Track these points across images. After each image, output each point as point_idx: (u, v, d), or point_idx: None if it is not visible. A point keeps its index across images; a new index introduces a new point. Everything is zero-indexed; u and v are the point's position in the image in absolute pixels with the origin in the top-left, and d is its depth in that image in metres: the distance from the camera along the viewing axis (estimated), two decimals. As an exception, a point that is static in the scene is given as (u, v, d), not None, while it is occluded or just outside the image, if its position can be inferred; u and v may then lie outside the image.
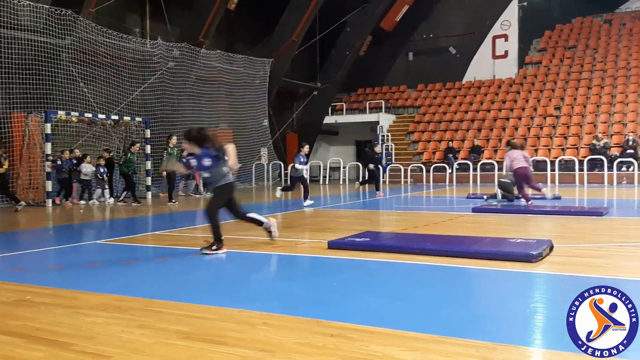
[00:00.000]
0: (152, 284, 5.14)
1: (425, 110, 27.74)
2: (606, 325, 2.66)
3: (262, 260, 6.31)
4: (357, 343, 3.23)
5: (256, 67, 23.55)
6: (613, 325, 2.65)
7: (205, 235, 7.41)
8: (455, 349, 3.10)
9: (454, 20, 29.71)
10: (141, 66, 18.78)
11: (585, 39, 28.75)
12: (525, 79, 27.21)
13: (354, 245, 6.54)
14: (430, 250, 6.08)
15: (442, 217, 10.43)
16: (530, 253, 5.57)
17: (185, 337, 3.42)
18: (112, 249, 7.26)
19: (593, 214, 9.87)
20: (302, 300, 4.38)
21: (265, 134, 24.38)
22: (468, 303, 4.30)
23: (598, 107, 23.72)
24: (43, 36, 15.83)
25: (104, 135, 17.68)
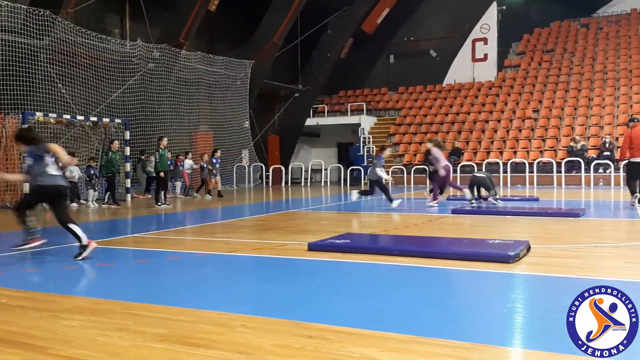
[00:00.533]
0: (130, 287, 5.09)
1: (406, 112, 27.90)
2: (606, 325, 2.66)
3: (241, 263, 6.30)
4: (336, 344, 3.24)
5: (237, 69, 23.48)
6: (613, 325, 2.65)
7: (191, 238, 7.36)
8: (434, 349, 3.12)
9: (435, 24, 29.95)
10: (121, 67, 18.63)
11: (563, 42, 29.16)
12: (504, 81, 27.52)
13: (334, 247, 6.55)
14: (409, 252, 6.11)
15: (422, 218, 10.49)
16: (507, 254, 5.63)
17: (163, 339, 3.40)
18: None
19: (570, 215, 10.01)
20: (281, 302, 4.37)
21: (247, 136, 24.33)
22: (446, 304, 4.33)
23: (575, 109, 24.07)
24: (21, 37, 15.63)
25: (82, 137, 17.49)
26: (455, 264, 5.62)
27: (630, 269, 5.43)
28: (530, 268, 5.48)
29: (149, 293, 4.74)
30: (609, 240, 7.45)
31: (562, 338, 3.35)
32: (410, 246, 6.34)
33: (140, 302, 4.33)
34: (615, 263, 5.78)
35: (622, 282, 4.90)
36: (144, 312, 4.04)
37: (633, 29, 28.43)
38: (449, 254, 5.91)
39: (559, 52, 28.38)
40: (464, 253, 5.87)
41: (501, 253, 5.69)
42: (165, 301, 4.35)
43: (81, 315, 3.99)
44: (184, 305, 4.21)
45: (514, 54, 30.05)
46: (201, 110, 22.11)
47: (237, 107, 23.76)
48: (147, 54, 19.55)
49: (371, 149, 25.63)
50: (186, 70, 21.06)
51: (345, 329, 3.52)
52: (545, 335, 3.46)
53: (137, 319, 3.85)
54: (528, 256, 6.00)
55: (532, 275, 5.25)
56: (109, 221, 11.41)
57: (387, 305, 4.20)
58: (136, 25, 20.82)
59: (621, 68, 25.77)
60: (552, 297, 4.49)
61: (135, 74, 19.15)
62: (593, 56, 27.25)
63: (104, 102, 17.95)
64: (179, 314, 3.98)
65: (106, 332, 3.56)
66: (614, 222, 9.98)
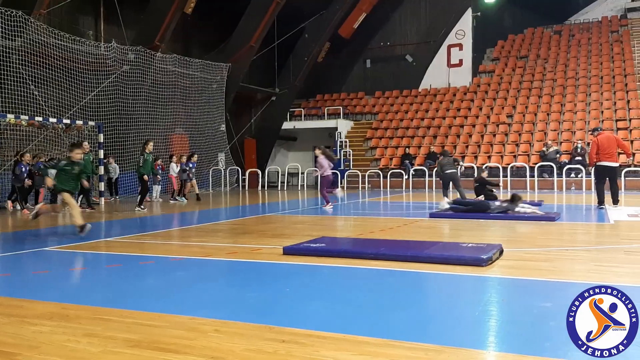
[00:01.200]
0: (101, 292, 5.03)
1: (382, 116, 28.05)
2: (606, 325, 2.67)
3: (216, 267, 6.26)
4: (308, 348, 3.24)
5: (213, 72, 23.37)
6: (613, 325, 2.66)
7: (166, 242, 7.28)
8: (405, 352, 3.14)
9: (410, 29, 30.19)
10: (95, 69, 18.39)
11: (536, 49, 29.64)
12: (479, 87, 27.84)
13: (309, 250, 6.55)
14: (384, 255, 6.14)
15: (398, 222, 10.55)
16: (480, 257, 5.70)
17: (134, 345, 3.36)
18: (61, 256, 7.07)
19: (546, 219, 10.12)
20: (255, 307, 4.36)
21: (223, 139, 24.20)
22: (418, 307, 4.36)
23: (548, 115, 24.45)
24: (-8, 37, 15.35)
25: (55, 140, 17.23)
26: (428, 267, 5.66)
27: (599, 272, 5.54)
28: (502, 271, 5.55)
29: (120, 298, 4.68)
30: (580, 244, 7.59)
31: (532, 340, 3.40)
32: (385, 249, 6.37)
33: (111, 307, 4.28)
34: (586, 266, 5.88)
35: (592, 284, 4.98)
36: (114, 317, 3.99)
37: (604, 36, 29.02)
38: (423, 257, 5.96)
39: (532, 59, 28.83)
40: (437, 256, 5.92)
41: (474, 256, 5.75)
42: (136, 306, 4.30)
43: (50, 320, 3.93)
44: (155, 310, 4.17)
45: (488, 59, 30.44)
46: (177, 113, 21.93)
47: (214, 110, 23.64)
48: (121, 56, 19.34)
49: (348, 153, 25.70)
50: (162, 73, 20.88)
51: (317, 333, 3.52)
52: (515, 338, 3.50)
53: (108, 325, 3.80)
54: (501, 259, 6.08)
55: (504, 278, 5.31)
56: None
57: (360, 309, 4.21)
58: (110, 27, 20.58)
59: (592, 74, 26.26)
60: (523, 299, 4.55)
61: (109, 76, 18.93)
62: (565, 63, 27.74)
63: (77, 105, 17.70)
64: (150, 319, 3.94)
65: (76, 338, 3.51)
66: (585, 226, 10.16)
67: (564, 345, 3.28)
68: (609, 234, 8.67)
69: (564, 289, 4.87)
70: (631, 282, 5.02)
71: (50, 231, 10.48)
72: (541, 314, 4.00)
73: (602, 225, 9.96)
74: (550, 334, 3.50)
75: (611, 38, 28.73)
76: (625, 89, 24.45)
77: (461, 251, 6.10)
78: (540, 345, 3.28)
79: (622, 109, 23.19)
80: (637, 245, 7.34)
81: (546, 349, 3.20)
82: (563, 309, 4.15)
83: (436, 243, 6.85)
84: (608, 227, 9.55)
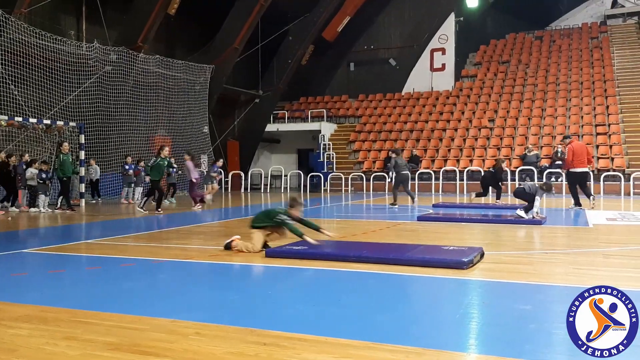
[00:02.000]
0: (81, 294, 4.97)
1: (366, 120, 28.13)
2: (606, 325, 2.67)
3: (197, 270, 6.22)
4: (289, 351, 3.23)
5: (197, 73, 23.25)
6: (613, 325, 2.66)
7: (147, 244, 7.22)
8: (386, 355, 3.15)
9: (394, 33, 30.35)
10: (76, 69, 18.20)
11: (517, 54, 29.96)
12: (461, 91, 28.06)
13: (291, 253, 6.54)
14: (366, 258, 6.15)
15: (381, 225, 10.58)
16: (461, 260, 5.73)
17: (114, 348, 3.33)
18: (40, 258, 6.99)
19: (533, 223, 10.19)
20: (237, 310, 4.34)
21: (206, 141, 24.07)
22: (399, 309, 4.38)
23: (529, 119, 24.72)
24: (-30, 36, 15.14)
25: (36, 140, 17.02)
26: (410, 270, 5.68)
27: (578, 275, 5.60)
28: (483, 274, 5.59)
29: (100, 300, 4.63)
30: (560, 247, 7.67)
31: (513, 343, 3.43)
32: (367, 252, 6.39)
33: (90, 310, 4.23)
34: (565, 269, 5.95)
35: (570, 287, 5.05)
36: (94, 320, 3.95)
37: (584, 42, 29.44)
38: (405, 260, 5.98)
39: (514, 64, 29.13)
40: (419, 259, 5.95)
41: (455, 259, 5.78)
42: (116, 309, 4.26)
43: (29, 323, 3.87)
44: (135, 313, 4.13)
45: (471, 64, 30.70)
46: (159, 114, 21.77)
47: (197, 111, 23.52)
48: (103, 57, 19.17)
49: (331, 156, 25.73)
50: (144, 74, 20.72)
51: (299, 336, 3.51)
52: (496, 341, 3.53)
53: (87, 327, 3.76)
54: (482, 262, 6.12)
55: (485, 281, 5.36)
56: (62, 226, 11.11)
57: (341, 311, 4.22)
58: (93, 27, 20.39)
59: (572, 80, 26.62)
60: (503, 302, 4.59)
61: (91, 77, 18.74)
62: (546, 68, 28.07)
63: (58, 105, 17.50)
64: (130, 322, 3.90)
65: (54, 341, 3.46)
66: (565, 229, 10.27)
67: (544, 347, 3.32)
68: (587, 237, 8.78)
69: (543, 291, 4.92)
70: (611, 284, 5.07)
71: (29, 233, 10.35)
72: (521, 316, 4.03)
73: (581, 228, 10.08)
74: (531, 337, 3.54)
75: (591, 44, 29.14)
76: (605, 94, 24.81)
77: (442, 254, 6.13)
78: (521, 347, 3.31)
79: (601, 114, 23.53)
80: (615, 249, 7.45)
81: (526, 352, 3.23)
82: (543, 312, 4.21)
83: (418, 246, 6.88)
84: (587, 230, 9.67)
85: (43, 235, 10.06)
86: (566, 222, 11.58)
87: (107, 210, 14.54)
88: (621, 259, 6.69)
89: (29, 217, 13.03)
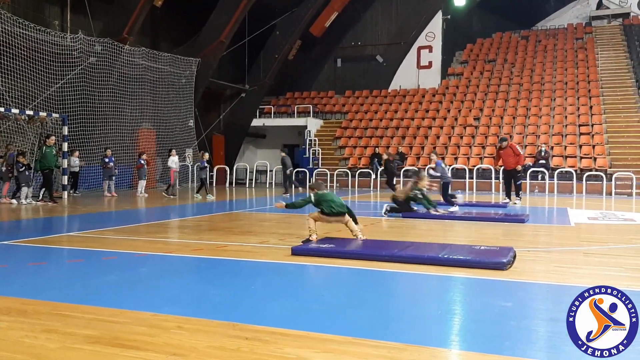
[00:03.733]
0: (62, 287, 4.93)
1: (352, 116, 28.15)
2: (606, 325, 2.67)
3: (180, 263, 6.20)
4: (271, 345, 3.23)
5: (182, 67, 23.10)
6: (613, 325, 2.66)
7: (130, 238, 7.17)
8: (367, 350, 3.16)
9: (381, 30, 30.39)
10: (60, 60, 17.97)
11: (504, 53, 30.14)
12: (447, 89, 28.18)
13: (319, 251, 6.33)
14: (399, 257, 5.98)
15: (364, 221, 10.59)
16: (501, 261, 5.64)
17: (94, 341, 3.30)
18: (21, 251, 6.91)
19: (516, 220, 10.27)
20: (219, 304, 4.33)
21: (191, 135, 23.95)
22: (382, 305, 4.39)
23: (514, 118, 24.89)
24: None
25: (17, 131, 16.80)
26: (393, 267, 5.70)
27: (560, 273, 5.66)
28: (464, 271, 5.62)
29: (81, 293, 4.60)
30: (542, 245, 7.74)
31: (493, 339, 3.46)
32: (399, 251, 6.21)
33: (71, 302, 4.19)
34: (546, 267, 6.01)
35: (551, 285, 5.10)
36: (74, 313, 3.92)
37: (569, 42, 29.69)
38: (441, 260, 5.83)
39: (499, 62, 29.31)
40: (457, 260, 5.81)
41: (495, 260, 5.64)
42: (97, 302, 4.23)
43: (8, 316, 3.83)
44: (117, 306, 4.11)
45: (457, 62, 30.84)
46: (144, 107, 21.60)
47: (182, 105, 23.37)
48: (88, 48, 18.96)
49: (317, 152, 25.72)
50: (129, 66, 20.54)
51: (281, 330, 3.52)
52: (476, 337, 3.56)
53: (67, 320, 3.73)
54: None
55: (466, 278, 5.39)
56: (43, 219, 11.00)
57: (323, 307, 4.22)
58: (77, 18, 20.15)
59: (557, 80, 26.85)
60: (484, 299, 4.62)
61: (75, 68, 18.54)
62: (532, 67, 28.28)
63: (41, 96, 17.29)
64: (111, 315, 3.87)
65: (34, 334, 3.43)
66: (547, 228, 10.37)
67: (523, 344, 3.36)
68: (569, 236, 8.87)
69: (524, 289, 4.96)
70: (590, 283, 5.12)
71: (9, 225, 10.23)
72: (502, 313, 4.07)
73: (563, 227, 10.19)
74: (510, 333, 3.57)
75: (576, 45, 29.41)
76: (589, 94, 25.05)
77: (481, 255, 5.97)
78: (500, 344, 3.34)
79: (585, 114, 23.76)
80: (596, 247, 7.53)
81: (505, 348, 3.26)
82: (523, 309, 4.26)
83: (447, 245, 6.73)
84: (569, 229, 9.78)
85: (24, 228, 9.94)
86: (548, 221, 11.69)
87: (89, 203, 14.40)
88: (602, 257, 6.77)
89: (11, 209, 12.88)
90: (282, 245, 7.12)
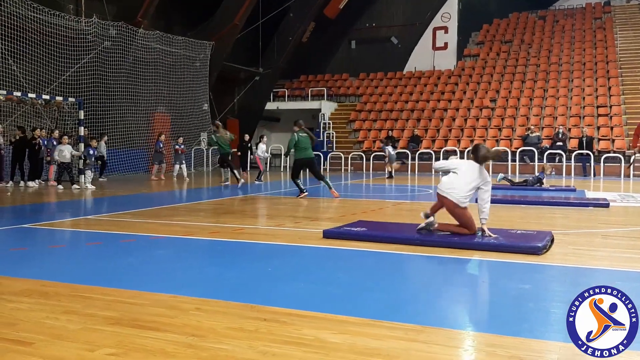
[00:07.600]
0: (81, 269, 4.99)
1: (366, 99, 28.00)
2: (606, 325, 2.65)
3: (198, 246, 6.24)
4: (289, 327, 3.25)
5: (196, 50, 23.07)
6: (613, 325, 2.65)
7: (148, 221, 7.22)
8: (384, 332, 3.17)
9: (396, 11, 30.06)
10: (75, 44, 18.04)
11: (520, 34, 29.72)
12: (463, 71, 27.88)
13: (350, 235, 6.30)
14: (430, 242, 5.94)
15: (380, 204, 10.58)
16: (537, 245, 5.56)
17: (114, 322, 3.34)
18: (40, 234, 7.00)
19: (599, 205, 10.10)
20: (237, 286, 4.36)
21: (205, 119, 23.99)
22: (397, 288, 4.39)
23: (531, 100, 24.61)
24: (-32, 9, 14.97)
25: (34, 115, 16.94)
26: (407, 249, 5.70)
27: (578, 255, 5.62)
28: (481, 254, 5.60)
29: (100, 276, 4.65)
30: (559, 228, 7.68)
31: (511, 321, 3.45)
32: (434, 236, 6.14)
33: (91, 284, 4.24)
34: (564, 249, 5.96)
35: (570, 267, 5.07)
36: (94, 294, 3.96)
37: (587, 23, 29.18)
38: (475, 245, 5.78)
39: (516, 43, 28.92)
40: (493, 245, 5.71)
41: (530, 244, 5.58)
42: (116, 284, 4.28)
43: (29, 298, 3.89)
44: (136, 288, 4.15)
45: (473, 43, 30.47)
46: (159, 91, 21.65)
47: (196, 89, 23.38)
48: (102, 32, 19.00)
49: (331, 135, 25.65)
50: (143, 50, 20.56)
51: (298, 312, 3.53)
52: (494, 319, 3.55)
53: (87, 302, 3.77)
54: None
55: (484, 260, 5.37)
56: (63, 202, 11.12)
57: (340, 289, 4.23)
58: (92, 2, 20.15)
59: (575, 60, 26.44)
60: (502, 282, 4.61)
61: (90, 52, 18.60)
62: (549, 48, 27.86)
63: (57, 80, 17.40)
64: (130, 296, 3.92)
65: (55, 315, 3.48)
66: (564, 210, 10.28)
67: (541, 326, 3.34)
68: (586, 218, 8.79)
69: (542, 271, 4.94)
70: (608, 265, 5.11)
71: (30, 208, 10.36)
72: (520, 295, 4.05)
73: (579, 210, 10.09)
74: (528, 316, 3.55)
75: (594, 25, 28.90)
76: (607, 75, 24.67)
77: (517, 239, 5.90)
78: (519, 326, 3.33)
79: (603, 96, 23.41)
80: (613, 230, 7.46)
81: (524, 330, 3.25)
82: (541, 291, 4.23)
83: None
84: (586, 211, 9.68)
85: (46, 211, 10.06)
86: (565, 204, 11.57)
87: (118, 187, 14.51)
88: (620, 239, 6.71)
89: (56, 192, 13.03)
90: (297, 229, 7.14)
